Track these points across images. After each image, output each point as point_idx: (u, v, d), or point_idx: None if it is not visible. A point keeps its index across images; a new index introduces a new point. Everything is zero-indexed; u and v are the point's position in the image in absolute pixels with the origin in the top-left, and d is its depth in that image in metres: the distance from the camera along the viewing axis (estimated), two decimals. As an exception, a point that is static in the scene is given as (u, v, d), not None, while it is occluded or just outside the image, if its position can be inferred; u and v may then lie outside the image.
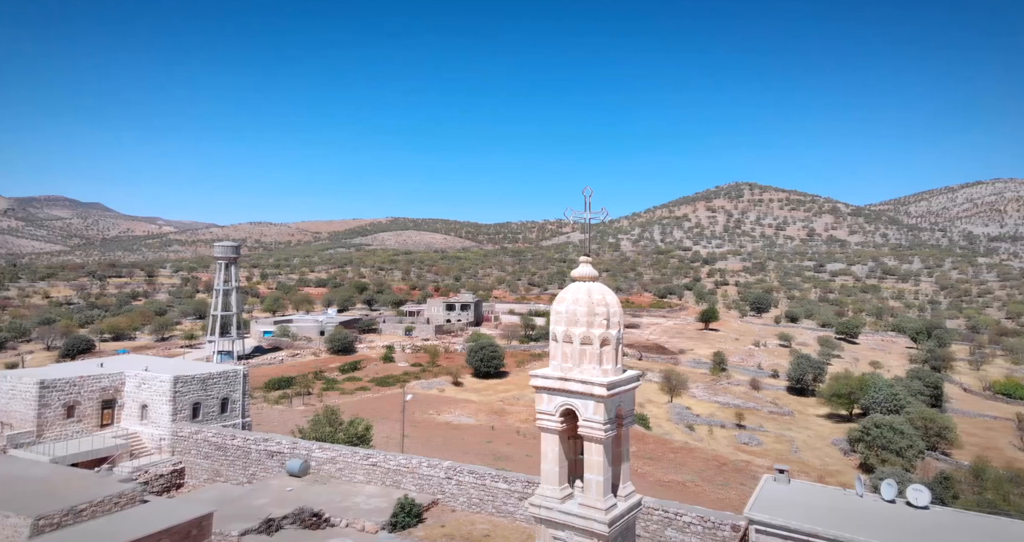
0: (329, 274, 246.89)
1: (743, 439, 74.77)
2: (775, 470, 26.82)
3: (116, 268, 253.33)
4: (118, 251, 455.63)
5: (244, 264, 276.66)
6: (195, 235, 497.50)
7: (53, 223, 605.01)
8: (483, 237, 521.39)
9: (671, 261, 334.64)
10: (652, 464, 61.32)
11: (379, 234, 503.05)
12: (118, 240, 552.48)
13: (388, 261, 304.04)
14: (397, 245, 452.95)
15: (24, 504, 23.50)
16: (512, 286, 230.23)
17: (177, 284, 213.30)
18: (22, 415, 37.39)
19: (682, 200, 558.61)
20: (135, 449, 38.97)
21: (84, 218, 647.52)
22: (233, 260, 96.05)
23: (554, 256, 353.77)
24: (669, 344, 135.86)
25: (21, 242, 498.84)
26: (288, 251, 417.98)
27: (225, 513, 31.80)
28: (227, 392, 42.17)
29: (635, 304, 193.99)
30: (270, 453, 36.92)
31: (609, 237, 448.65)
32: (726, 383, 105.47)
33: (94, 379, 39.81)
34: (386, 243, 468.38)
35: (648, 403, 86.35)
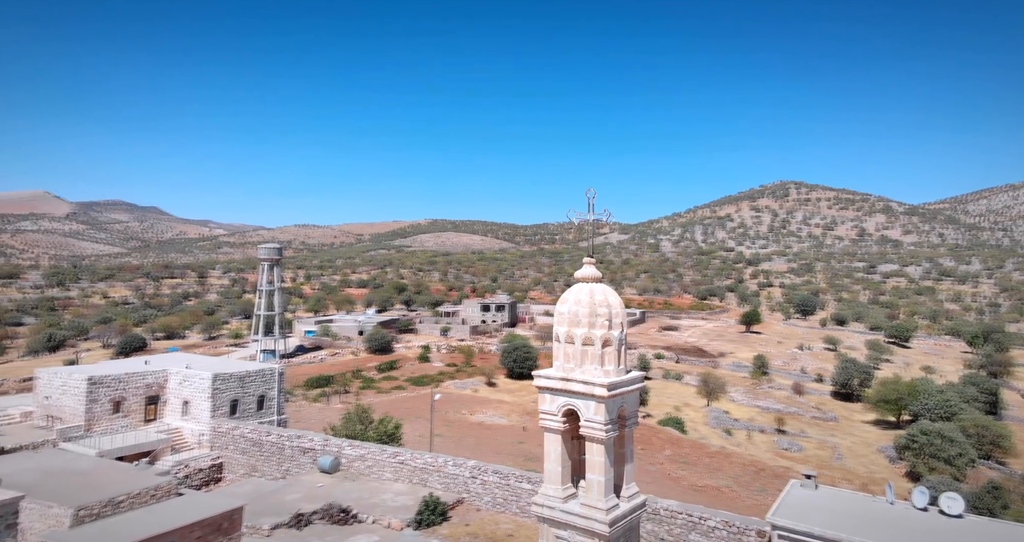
0: (370, 275, 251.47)
1: (783, 445, 72.92)
2: (803, 475, 26.21)
3: (170, 269, 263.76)
4: (172, 253, 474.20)
5: (290, 265, 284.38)
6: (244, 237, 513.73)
7: (113, 226, 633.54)
8: (520, 238, 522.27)
9: (713, 262, 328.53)
10: (687, 468, 60.41)
11: (419, 236, 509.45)
12: (173, 242, 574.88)
13: (427, 262, 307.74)
14: (436, 246, 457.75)
15: (67, 495, 24.77)
16: (548, 287, 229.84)
17: (226, 285, 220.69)
18: (72, 410, 39.35)
19: (725, 200, 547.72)
20: (177, 444, 40.56)
21: (142, 221, 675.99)
22: (276, 261, 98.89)
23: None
24: (709, 347, 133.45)
25: (84, 244, 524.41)
26: (332, 253, 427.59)
27: (258, 507, 32.86)
28: (264, 390, 43.50)
29: (674, 306, 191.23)
30: (303, 450, 37.92)
31: (649, 238, 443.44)
32: (767, 387, 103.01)
33: (139, 376, 41.62)
34: (425, 244, 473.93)
35: (685, 407, 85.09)
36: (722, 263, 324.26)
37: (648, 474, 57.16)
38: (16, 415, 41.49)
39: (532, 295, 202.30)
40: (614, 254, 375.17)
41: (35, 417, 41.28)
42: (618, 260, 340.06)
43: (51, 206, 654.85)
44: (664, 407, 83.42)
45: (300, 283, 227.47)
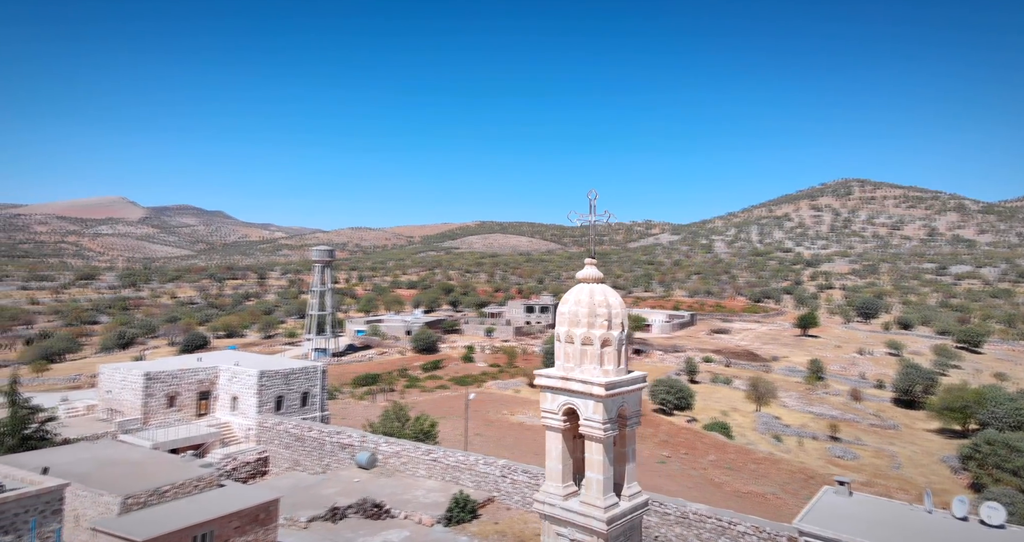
0: (419, 276, 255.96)
1: (836, 452, 70.28)
2: (835, 481, 25.38)
3: (232, 271, 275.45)
4: (235, 255, 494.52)
5: (344, 267, 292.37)
6: (302, 240, 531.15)
7: (182, 230, 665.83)
8: (568, 240, 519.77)
9: (769, 263, 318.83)
10: (731, 474, 59.05)
11: (467, 238, 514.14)
12: (236, 245, 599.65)
13: (474, 264, 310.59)
14: (484, 248, 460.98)
15: (117, 485, 26.33)
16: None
17: (284, 285, 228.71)
18: (131, 404, 41.77)
19: (783, 199, 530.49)
20: (226, 437, 42.48)
21: (208, 225, 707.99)
22: (328, 263, 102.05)
23: (641, 258, 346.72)
24: (761, 351, 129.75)
25: (155, 247, 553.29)
26: (384, 254, 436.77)
27: (297, 500, 34.12)
28: (307, 387, 45.05)
29: (726, 308, 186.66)
30: (342, 445, 39.10)
31: (701, 238, 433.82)
32: (822, 393, 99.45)
33: (192, 372, 43.80)
34: (473, 246, 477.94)
35: (733, 411, 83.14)
36: (779, 264, 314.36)
37: (690, 479, 56.20)
38: (81, 408, 44.36)
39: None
40: (664, 255, 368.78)
41: (98, 410, 44.01)
42: (668, 261, 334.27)
43: (126, 211, 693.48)
44: (711, 412, 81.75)
45: (353, 284, 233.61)
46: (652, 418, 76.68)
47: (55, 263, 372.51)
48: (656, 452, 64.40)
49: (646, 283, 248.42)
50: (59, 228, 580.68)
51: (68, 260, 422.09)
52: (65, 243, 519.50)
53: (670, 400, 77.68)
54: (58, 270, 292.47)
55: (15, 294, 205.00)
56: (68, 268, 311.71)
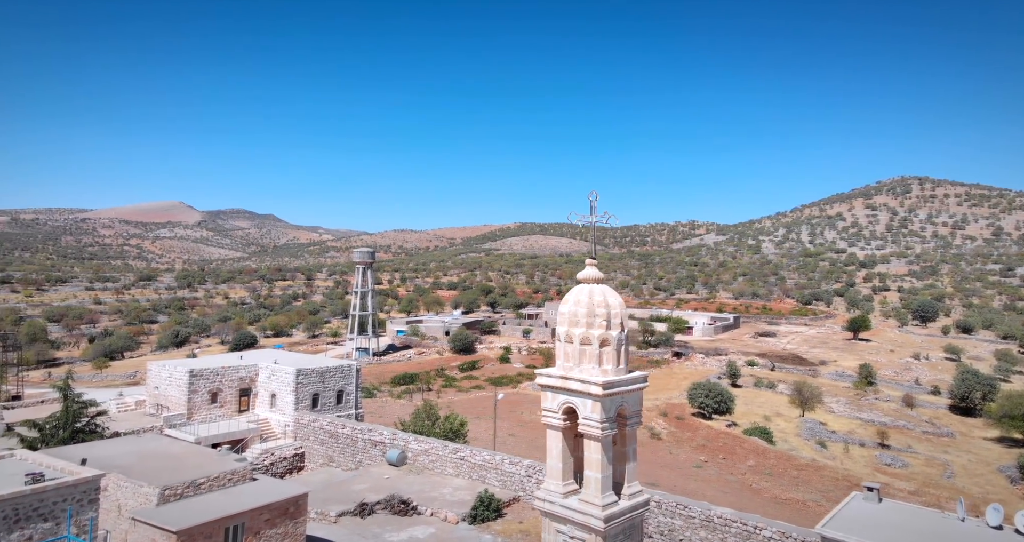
0: (459, 277, 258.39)
1: (885, 460, 67.69)
2: (864, 487, 24.58)
3: (282, 272, 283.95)
4: (285, 257, 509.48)
5: (387, 268, 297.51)
6: (348, 242, 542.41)
7: (236, 233, 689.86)
8: (609, 240, 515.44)
9: (821, 264, 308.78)
10: (770, 480, 57.64)
11: (507, 239, 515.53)
12: (286, 247, 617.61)
13: (514, 265, 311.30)
14: (524, 249, 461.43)
15: (156, 477, 27.65)
16: (636, 290, 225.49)
17: (330, 286, 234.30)
18: (176, 399, 43.67)
19: (836, 198, 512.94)
20: (265, 433, 43.94)
21: (260, 228, 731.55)
22: (369, 264, 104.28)
23: (685, 259, 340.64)
24: (809, 354, 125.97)
25: (210, 249, 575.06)
26: (425, 256, 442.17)
27: (329, 495, 35.07)
28: (342, 385, 46.19)
29: (773, 311, 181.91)
30: (374, 443, 39.95)
31: (748, 239, 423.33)
32: (873, 398, 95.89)
33: (233, 370, 45.49)
34: (513, 248, 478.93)
35: (776, 417, 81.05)
36: (831, 265, 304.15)
37: (727, 484, 55.12)
38: (131, 403, 46.64)
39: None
40: (709, 256, 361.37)
41: (146, 405, 46.18)
42: (713, 262, 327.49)
43: (184, 215, 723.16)
44: (752, 416, 79.89)
45: (396, 285, 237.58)
46: (690, 422, 75.48)
47: (118, 265, 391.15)
48: (693, 456, 63.39)
49: (689, 285, 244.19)
50: (123, 231, 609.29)
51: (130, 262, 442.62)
52: (128, 246, 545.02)
53: (709, 404, 76.27)
54: (121, 271, 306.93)
55: (81, 294, 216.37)
56: (130, 270, 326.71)
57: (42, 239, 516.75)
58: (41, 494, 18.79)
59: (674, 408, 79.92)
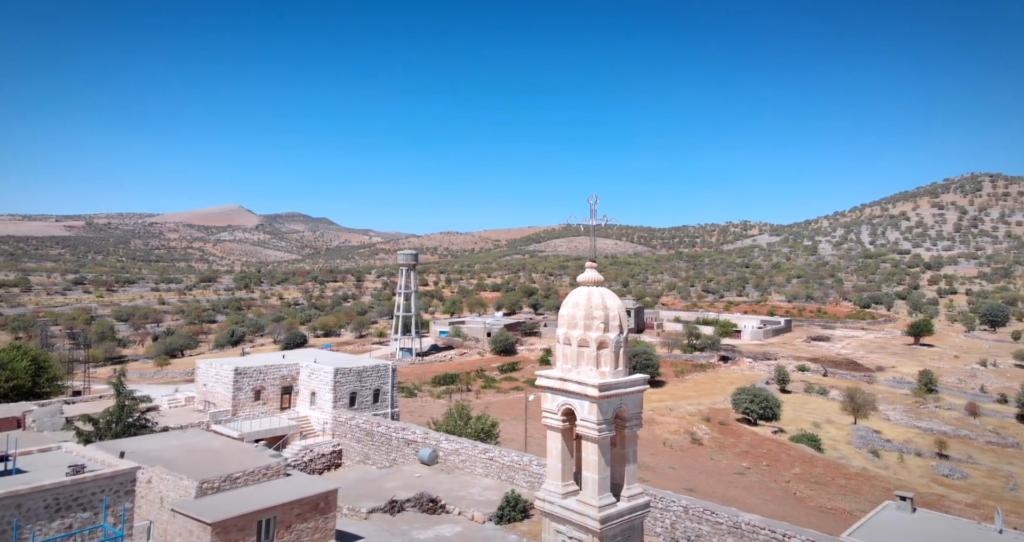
0: (503, 279, 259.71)
1: (943, 470, 64.49)
2: (896, 496, 23.61)
3: (333, 274, 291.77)
4: (337, 259, 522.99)
5: (433, 270, 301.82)
6: (397, 244, 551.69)
7: (291, 236, 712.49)
8: (657, 242, 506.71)
9: (882, 266, 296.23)
10: (816, 489, 55.78)
11: (552, 241, 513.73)
12: (338, 249, 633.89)
13: (558, 267, 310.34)
14: (568, 251, 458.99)
15: (196, 470, 28.91)
16: (683, 293, 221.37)
17: (379, 288, 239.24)
18: (223, 396, 45.50)
19: (900, 196, 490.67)
20: (305, 430, 45.31)
21: (314, 231, 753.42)
22: (412, 266, 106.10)
23: (736, 261, 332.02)
24: (865, 360, 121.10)
25: (267, 252, 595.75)
26: (471, 258, 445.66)
27: (362, 492, 35.90)
28: (379, 384, 47.21)
29: (829, 314, 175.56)
30: (407, 441, 40.69)
31: (804, 239, 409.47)
32: (933, 406, 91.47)
33: (276, 368, 47.10)
34: (558, 249, 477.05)
35: (826, 424, 78.36)
36: (893, 267, 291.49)
37: (768, 492, 53.66)
38: (182, 399, 48.88)
39: (664, 301, 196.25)
40: (762, 257, 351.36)
41: (196, 402, 48.28)
42: (766, 264, 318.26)
43: (244, 218, 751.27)
44: (801, 423, 77.46)
45: (441, 286, 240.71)
46: (734, 428, 73.76)
47: (182, 267, 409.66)
48: (735, 463, 61.96)
49: (740, 287, 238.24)
50: (187, 235, 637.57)
51: (193, 264, 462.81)
52: (192, 248, 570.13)
53: (754, 410, 74.35)
54: (184, 273, 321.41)
55: (147, 295, 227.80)
56: (193, 271, 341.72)
57: (114, 243, 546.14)
58: (80, 485, 20.00)
59: (718, 413, 78.25)
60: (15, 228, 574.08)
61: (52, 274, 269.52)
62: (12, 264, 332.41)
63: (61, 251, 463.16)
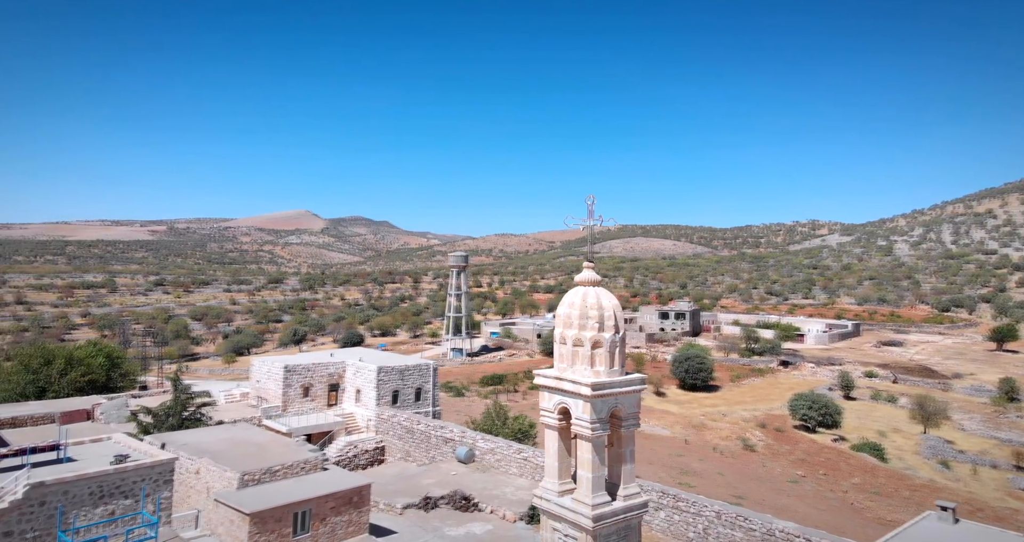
0: (556, 281, 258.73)
1: (1020, 484, 60.08)
2: (937, 506, 22.23)
3: (392, 275, 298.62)
4: (397, 261, 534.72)
5: (487, 271, 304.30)
6: (454, 246, 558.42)
7: (354, 238, 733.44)
8: (718, 242, 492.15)
9: (965, 267, 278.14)
10: (876, 500, 53.05)
11: (607, 242, 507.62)
12: (398, 252, 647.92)
13: (613, 268, 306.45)
14: (624, 252, 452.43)
15: (240, 463, 30.28)
16: (745, 295, 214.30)
17: (434, 289, 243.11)
18: (273, 392, 47.39)
19: (985, 193, 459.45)
20: (350, 427, 46.63)
21: (375, 234, 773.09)
22: (463, 268, 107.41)
23: (803, 262, 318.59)
24: (940, 366, 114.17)
25: (332, 254, 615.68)
26: (525, 259, 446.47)
27: (399, 488, 36.69)
28: (420, 383, 48.06)
29: (902, 318, 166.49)
30: (445, 439, 41.27)
31: (879, 239, 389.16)
32: (1014, 416, 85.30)
33: (323, 366, 48.68)
34: (614, 250, 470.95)
35: (893, 432, 74.35)
36: (977, 268, 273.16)
37: (823, 501, 51.43)
38: (237, 395, 51.16)
39: (724, 303, 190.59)
40: (832, 258, 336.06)
41: (250, 397, 50.45)
42: (836, 265, 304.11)
43: (310, 222, 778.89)
44: (865, 431, 73.78)
45: (495, 288, 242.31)
46: (791, 435, 71.05)
47: (253, 269, 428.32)
48: (789, 471, 59.67)
49: (806, 289, 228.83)
50: (258, 238, 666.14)
51: (264, 266, 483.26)
52: (262, 251, 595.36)
53: (813, 416, 71.34)
54: (255, 275, 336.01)
55: (220, 295, 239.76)
56: (263, 273, 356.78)
57: (192, 246, 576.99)
58: (123, 474, 21.34)
59: (774, 420, 75.56)
60: (105, 233, 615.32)
61: (136, 276, 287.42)
62: (101, 266, 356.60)
63: (145, 254, 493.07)
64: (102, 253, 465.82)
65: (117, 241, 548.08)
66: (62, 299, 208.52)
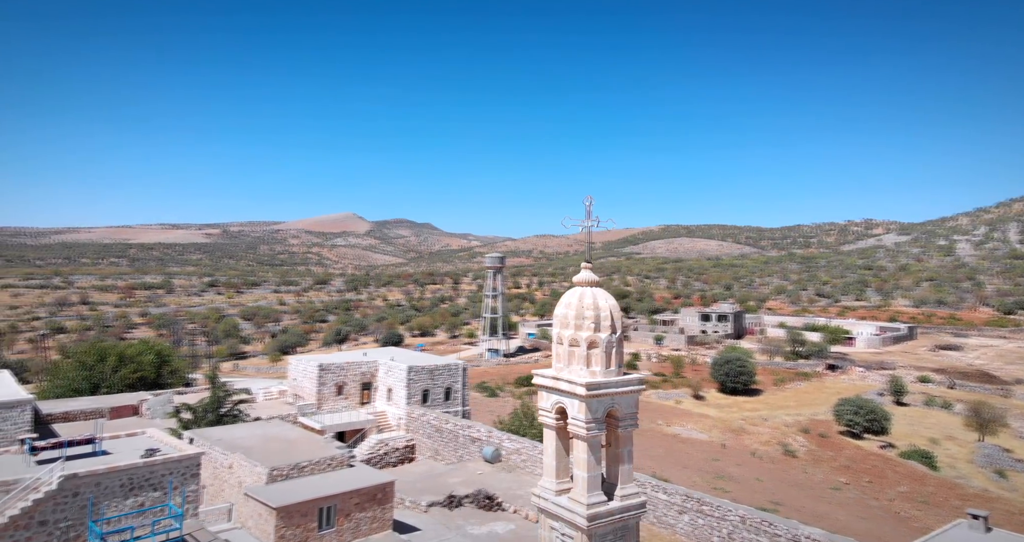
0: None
1: (1084, 499, 56.57)
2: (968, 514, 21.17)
3: (433, 277, 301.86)
4: (438, 262, 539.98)
5: (527, 272, 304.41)
6: (494, 247, 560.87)
7: (398, 240, 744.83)
8: (766, 242, 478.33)
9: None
10: (924, 510, 50.87)
11: (649, 243, 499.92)
12: (439, 253, 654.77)
13: (655, 269, 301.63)
14: (667, 253, 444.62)
15: (270, 458, 31.14)
16: (793, 297, 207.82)
17: (474, 290, 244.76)
18: (308, 390, 48.59)
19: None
20: (381, 425, 47.41)
21: (418, 236, 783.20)
22: (499, 269, 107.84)
23: (856, 262, 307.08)
24: (1002, 372, 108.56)
25: (376, 256, 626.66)
26: (565, 260, 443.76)
27: (425, 486, 37.12)
28: (450, 382, 48.49)
29: (962, 321, 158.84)
30: (472, 439, 41.54)
31: (939, 239, 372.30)
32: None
33: (356, 365, 49.64)
34: (656, 251, 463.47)
35: (946, 440, 71.11)
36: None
37: (866, 510, 49.58)
38: (275, 393, 52.65)
39: (770, 305, 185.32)
40: (887, 258, 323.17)
41: (287, 395, 51.84)
42: (892, 266, 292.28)
43: (356, 225, 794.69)
44: (915, 438, 70.77)
45: (533, 289, 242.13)
46: (835, 441, 68.73)
47: (301, 270, 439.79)
48: (831, 477, 57.74)
49: (859, 291, 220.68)
50: (307, 241, 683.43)
51: (312, 268, 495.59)
52: (310, 253, 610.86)
53: (859, 422, 68.83)
54: (302, 276, 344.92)
55: (269, 296, 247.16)
56: (310, 275, 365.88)
57: (244, 248, 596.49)
58: (151, 466, 22.27)
59: (818, 425, 73.23)
60: (164, 236, 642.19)
61: (191, 277, 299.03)
62: (160, 268, 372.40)
63: (200, 256, 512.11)
64: (161, 255, 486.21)
65: (175, 244, 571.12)
66: (123, 299, 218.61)
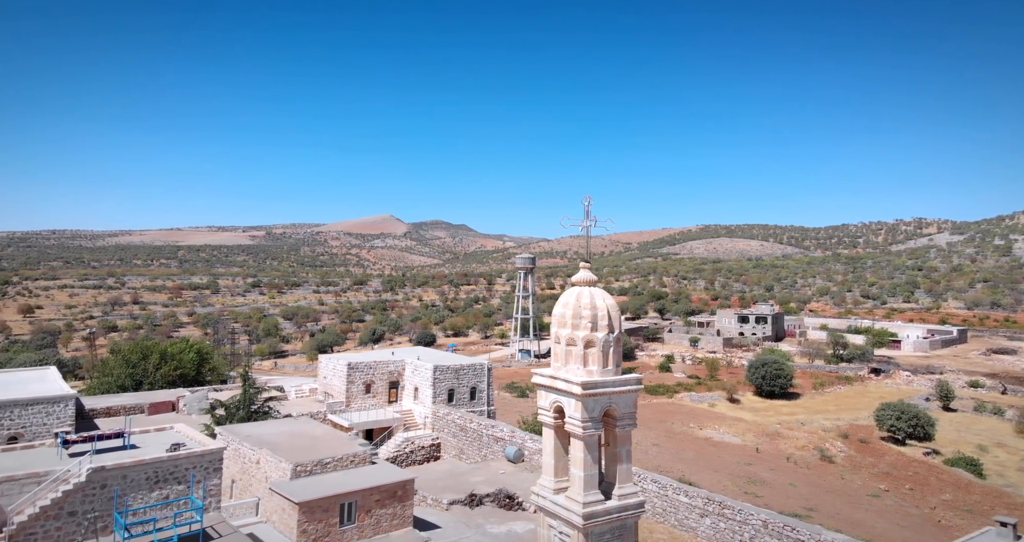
0: (631, 283, 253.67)
1: None
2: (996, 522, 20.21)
3: (467, 277, 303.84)
4: (473, 263, 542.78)
5: (561, 274, 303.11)
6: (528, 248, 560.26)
7: (434, 242, 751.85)
8: (810, 242, 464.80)
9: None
10: (968, 519, 48.79)
11: (688, 243, 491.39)
12: (474, 254, 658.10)
13: (693, 270, 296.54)
14: (706, 253, 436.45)
15: (295, 454, 31.81)
16: (837, 298, 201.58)
17: (508, 291, 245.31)
18: (338, 388, 49.45)
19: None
20: (407, 423, 47.92)
21: (454, 237, 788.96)
22: (530, 270, 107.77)
23: (905, 263, 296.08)
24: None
25: (412, 257, 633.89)
26: (601, 261, 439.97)
27: (448, 484, 37.38)
28: (475, 382, 48.70)
29: (1019, 324, 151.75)
30: (496, 438, 41.64)
31: (995, 238, 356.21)
32: None
33: (384, 364, 50.30)
34: (695, 252, 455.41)
35: (996, 447, 68.14)
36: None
37: (906, 518, 47.87)
38: (306, 390, 53.80)
39: (812, 307, 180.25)
40: (939, 259, 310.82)
41: (318, 393, 52.90)
42: (944, 266, 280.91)
43: (393, 227, 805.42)
44: (963, 445, 67.97)
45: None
46: (876, 446, 66.51)
47: (341, 271, 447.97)
48: (871, 484, 55.89)
49: (908, 292, 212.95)
50: (346, 242, 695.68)
51: (351, 269, 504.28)
52: (350, 255, 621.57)
53: (901, 427, 66.43)
54: (342, 277, 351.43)
55: (310, 297, 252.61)
56: (349, 275, 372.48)
57: (287, 250, 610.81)
58: (176, 460, 23.02)
59: (859, 430, 71.00)
60: (211, 238, 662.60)
61: (236, 278, 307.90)
62: (206, 269, 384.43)
63: (245, 258, 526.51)
64: (208, 257, 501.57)
65: (221, 245, 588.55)
66: (172, 299, 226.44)
